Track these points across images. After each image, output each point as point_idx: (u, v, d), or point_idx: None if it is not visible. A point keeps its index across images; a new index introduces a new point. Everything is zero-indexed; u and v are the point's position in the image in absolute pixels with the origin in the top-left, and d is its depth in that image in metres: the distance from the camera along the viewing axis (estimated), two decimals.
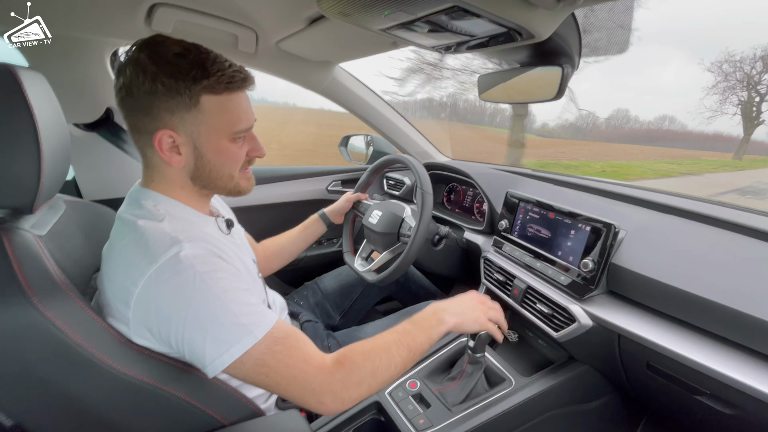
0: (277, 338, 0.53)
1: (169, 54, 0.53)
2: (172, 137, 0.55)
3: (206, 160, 0.59)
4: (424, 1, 0.52)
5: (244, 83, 0.58)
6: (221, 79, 0.55)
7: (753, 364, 0.57)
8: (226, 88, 0.56)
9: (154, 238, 0.53)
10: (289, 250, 1.06)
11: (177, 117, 0.54)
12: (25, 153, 0.49)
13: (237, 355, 0.50)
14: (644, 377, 0.75)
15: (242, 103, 0.59)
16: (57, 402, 0.49)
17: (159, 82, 0.52)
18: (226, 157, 0.60)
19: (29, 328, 0.46)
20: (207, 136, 0.57)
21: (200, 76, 0.53)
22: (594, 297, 0.79)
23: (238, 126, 0.59)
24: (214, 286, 0.51)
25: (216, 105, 0.56)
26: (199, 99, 0.54)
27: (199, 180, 0.61)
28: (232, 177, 0.62)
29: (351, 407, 0.70)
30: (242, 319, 0.51)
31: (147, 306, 0.51)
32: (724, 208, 0.84)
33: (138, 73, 0.52)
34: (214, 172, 0.60)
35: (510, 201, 1.01)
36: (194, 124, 0.56)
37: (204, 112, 0.55)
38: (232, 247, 0.64)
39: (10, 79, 0.48)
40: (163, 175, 0.60)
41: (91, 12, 0.83)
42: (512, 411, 0.80)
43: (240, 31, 0.94)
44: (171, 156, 0.57)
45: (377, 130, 1.49)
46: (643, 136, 37.32)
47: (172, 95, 0.53)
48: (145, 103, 0.53)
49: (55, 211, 0.62)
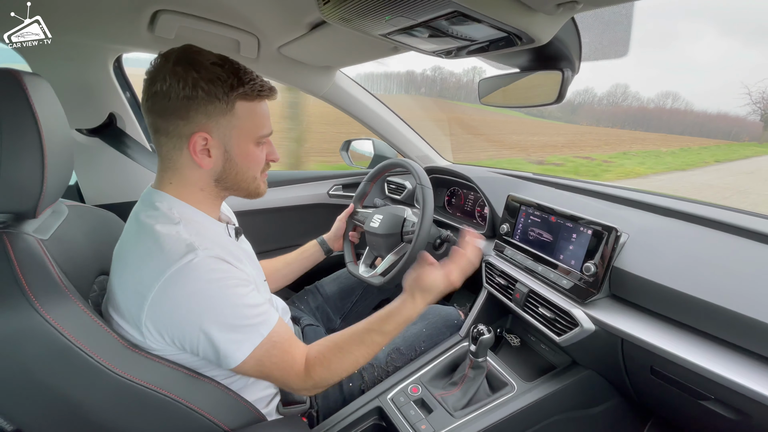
0: (275, 342, 0.59)
1: (207, 62, 0.57)
2: (206, 140, 0.58)
3: (234, 162, 0.62)
4: (424, 7, 0.53)
5: (271, 92, 0.63)
6: (254, 87, 0.59)
7: (759, 369, 0.57)
8: (258, 95, 0.61)
9: (170, 242, 0.54)
10: (284, 272, 1.05)
11: (213, 121, 0.58)
12: (29, 157, 0.49)
13: (247, 353, 0.56)
14: (648, 382, 0.74)
15: (267, 110, 0.65)
16: (58, 406, 0.48)
17: (199, 88, 0.55)
18: (251, 160, 0.64)
19: (31, 332, 0.46)
20: (237, 139, 0.61)
21: (237, 84, 0.58)
22: (596, 301, 0.78)
23: (263, 131, 0.63)
24: (227, 291, 0.55)
25: (248, 111, 0.60)
26: (234, 105, 0.58)
27: (224, 181, 0.64)
28: (255, 179, 0.67)
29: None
30: (252, 320, 0.57)
31: (162, 310, 0.52)
32: (727, 211, 0.84)
33: (179, 80, 0.55)
34: (240, 174, 0.64)
35: (511, 205, 1.01)
36: (227, 128, 0.59)
37: (238, 117, 0.59)
38: (241, 253, 0.66)
39: (14, 83, 0.48)
40: (185, 178, 0.62)
41: (95, 18, 0.84)
42: (515, 416, 0.79)
43: (242, 36, 0.95)
44: (202, 158, 0.60)
45: (378, 134, 1.49)
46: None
47: (211, 100, 0.56)
48: (182, 108, 0.56)
49: (57, 215, 0.63)
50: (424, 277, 0.73)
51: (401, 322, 0.71)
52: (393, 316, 0.70)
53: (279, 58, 1.08)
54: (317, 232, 1.15)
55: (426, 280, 0.72)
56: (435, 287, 0.73)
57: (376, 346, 0.68)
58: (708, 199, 0.97)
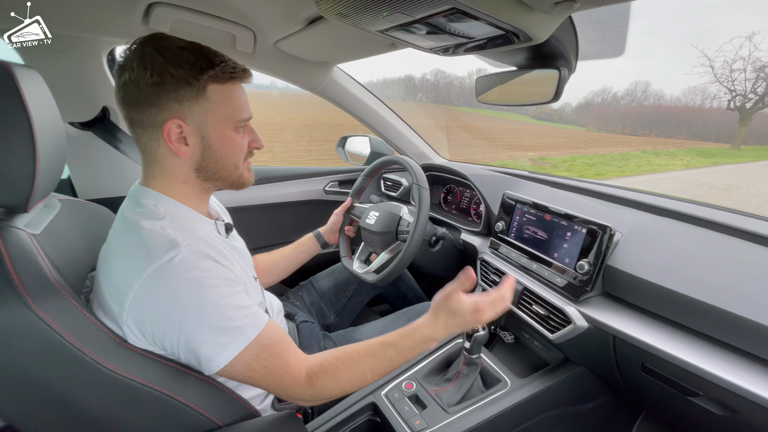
0: (265, 345, 0.56)
1: (174, 47, 0.55)
2: (181, 127, 0.57)
3: (213, 149, 0.60)
4: (422, 3, 0.52)
5: (244, 74, 0.61)
6: (225, 68, 0.57)
7: (747, 367, 0.58)
8: (230, 77, 0.58)
9: (153, 239, 0.53)
10: (281, 266, 1.05)
11: (185, 106, 0.56)
12: (20, 151, 0.49)
13: (231, 356, 0.53)
14: (639, 378, 0.75)
15: (243, 93, 0.62)
16: (51, 403, 0.48)
17: (167, 73, 0.54)
18: (230, 147, 0.62)
19: (23, 328, 0.45)
20: (214, 125, 0.59)
21: (206, 66, 0.56)
22: (589, 299, 0.79)
23: (240, 114, 0.61)
24: (210, 291, 0.52)
25: (221, 94, 0.58)
26: (206, 88, 0.56)
27: (205, 171, 0.62)
28: (237, 167, 0.64)
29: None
30: (236, 322, 0.54)
31: (142, 308, 0.51)
32: (719, 211, 0.85)
33: (145, 67, 0.54)
34: (221, 162, 0.62)
35: (507, 203, 1.02)
36: (201, 113, 0.57)
37: (211, 101, 0.57)
38: (230, 250, 0.64)
39: (5, 76, 0.47)
40: (166, 170, 0.60)
41: (89, 11, 0.83)
42: (508, 412, 0.80)
43: (238, 30, 0.94)
44: (179, 147, 0.58)
45: (375, 131, 1.49)
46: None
47: (181, 85, 0.55)
48: (152, 96, 0.55)
49: (50, 210, 0.62)
50: (455, 296, 0.63)
51: (419, 341, 0.63)
52: (412, 332, 0.64)
53: (275, 53, 1.07)
54: (313, 228, 1.15)
55: (454, 301, 0.63)
56: (461, 312, 0.63)
57: (387, 362, 0.62)
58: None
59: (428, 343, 0.64)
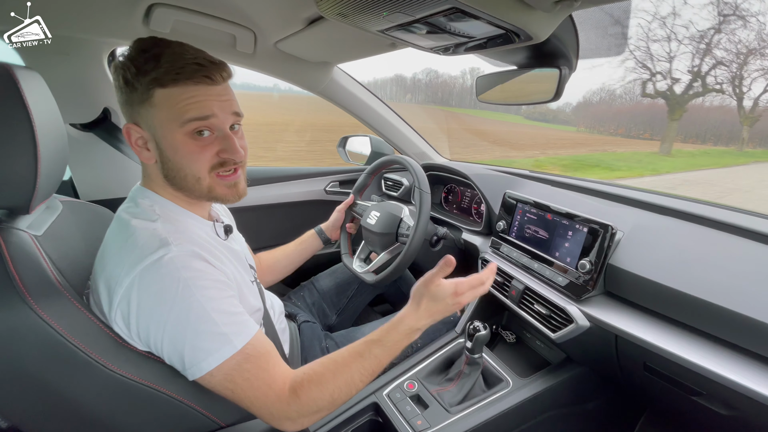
0: (249, 356, 0.53)
1: (135, 51, 0.55)
2: (138, 132, 0.57)
3: (167, 157, 0.57)
4: (422, 3, 0.52)
5: (193, 75, 0.54)
6: (169, 70, 0.53)
7: (749, 365, 0.57)
8: (173, 80, 0.53)
9: (143, 238, 0.53)
10: (284, 263, 1.05)
11: (135, 111, 0.56)
12: (22, 152, 0.49)
13: (215, 363, 0.51)
14: (641, 378, 0.75)
15: (196, 94, 0.55)
16: (53, 403, 0.48)
17: (122, 77, 0.55)
18: (183, 154, 0.56)
19: (25, 329, 0.45)
20: (162, 130, 0.56)
21: (150, 69, 0.53)
22: (591, 298, 0.79)
23: (186, 114, 0.54)
24: (197, 293, 0.51)
25: (165, 97, 0.54)
26: (151, 92, 0.54)
27: (171, 180, 0.59)
28: (198, 179, 0.58)
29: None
30: (223, 328, 0.52)
31: (129, 306, 0.51)
32: (720, 210, 0.84)
33: (116, 72, 0.56)
34: (180, 171, 0.57)
35: (508, 202, 1.02)
36: (149, 117, 0.56)
37: (155, 105, 0.55)
38: (225, 253, 0.64)
39: (7, 78, 0.47)
40: (148, 174, 0.62)
41: (89, 12, 0.83)
42: (510, 412, 0.80)
43: (238, 31, 0.94)
44: (141, 151, 0.58)
45: (375, 131, 1.49)
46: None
47: (130, 89, 0.55)
48: (120, 100, 0.57)
49: (51, 211, 0.62)
50: (435, 281, 0.62)
51: (404, 332, 0.62)
52: (395, 325, 0.62)
53: (276, 53, 1.07)
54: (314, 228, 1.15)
55: (434, 285, 0.62)
56: (442, 296, 0.62)
57: (374, 360, 0.60)
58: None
59: (413, 334, 0.62)
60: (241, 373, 0.52)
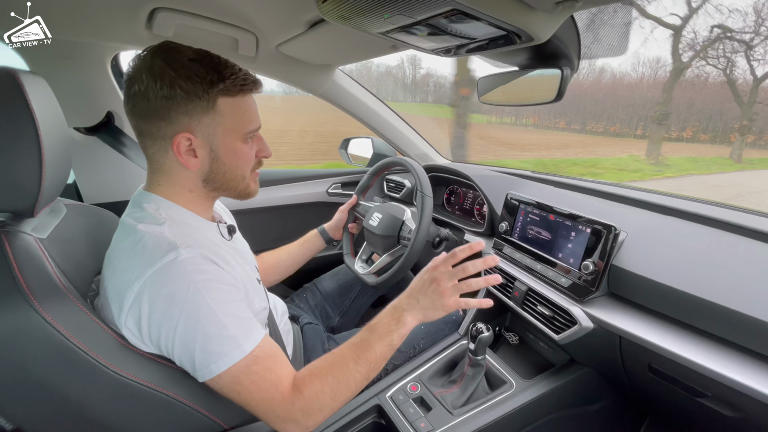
0: (257, 358, 0.54)
1: (184, 59, 0.55)
2: (190, 140, 0.57)
3: (221, 161, 0.60)
4: (423, 5, 0.53)
5: (254, 86, 0.60)
6: (235, 81, 0.57)
7: (755, 367, 0.57)
8: (240, 90, 0.58)
9: (152, 242, 0.53)
10: (287, 263, 1.06)
11: (195, 120, 0.56)
12: (27, 156, 0.49)
13: (225, 366, 0.52)
14: (646, 379, 0.75)
15: (252, 104, 0.62)
16: (57, 405, 0.48)
17: (177, 87, 0.53)
18: (239, 158, 0.62)
19: (30, 331, 0.46)
20: (223, 137, 0.59)
21: (216, 80, 0.55)
22: (595, 299, 0.79)
23: (249, 126, 0.61)
24: (207, 296, 0.52)
25: (231, 107, 0.58)
26: (216, 101, 0.56)
27: (212, 182, 0.62)
28: (244, 178, 0.64)
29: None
30: (232, 331, 0.53)
31: (140, 310, 0.51)
32: (725, 210, 0.84)
33: (155, 79, 0.53)
34: (229, 173, 0.62)
35: (510, 203, 1.02)
36: (211, 126, 0.57)
37: (220, 114, 0.57)
38: (232, 254, 0.65)
39: (11, 82, 0.48)
40: (173, 179, 0.60)
41: (92, 16, 0.84)
42: (514, 414, 0.80)
43: (240, 34, 0.95)
44: (188, 159, 0.58)
45: (377, 132, 1.49)
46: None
47: (191, 98, 0.54)
48: (162, 109, 0.54)
49: (56, 214, 0.62)
50: (420, 273, 0.67)
51: (388, 312, 0.65)
52: (384, 311, 0.66)
53: (278, 56, 1.08)
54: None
55: (417, 278, 0.67)
56: (420, 273, 0.67)
57: (366, 347, 0.62)
58: None
59: (397, 313, 0.64)
60: (249, 375, 0.53)
